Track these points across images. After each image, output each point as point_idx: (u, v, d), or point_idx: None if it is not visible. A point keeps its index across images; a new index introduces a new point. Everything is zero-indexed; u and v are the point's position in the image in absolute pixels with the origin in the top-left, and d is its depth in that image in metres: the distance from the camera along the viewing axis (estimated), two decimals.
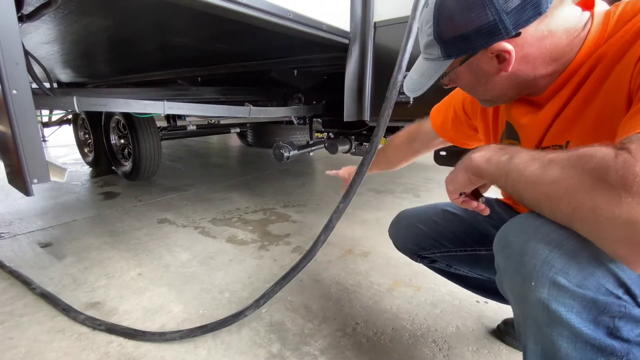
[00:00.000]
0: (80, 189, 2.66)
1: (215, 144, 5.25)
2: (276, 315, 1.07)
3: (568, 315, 0.44)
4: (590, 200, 0.36)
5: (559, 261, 0.44)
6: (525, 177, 0.44)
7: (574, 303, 0.43)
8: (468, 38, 0.52)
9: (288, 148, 1.64)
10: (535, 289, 0.45)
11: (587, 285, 0.42)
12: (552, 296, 0.44)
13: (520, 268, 0.48)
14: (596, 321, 0.43)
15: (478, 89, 0.61)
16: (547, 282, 0.44)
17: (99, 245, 1.61)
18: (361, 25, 1.18)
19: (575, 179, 0.38)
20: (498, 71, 0.54)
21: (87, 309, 1.11)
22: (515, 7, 0.48)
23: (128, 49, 1.55)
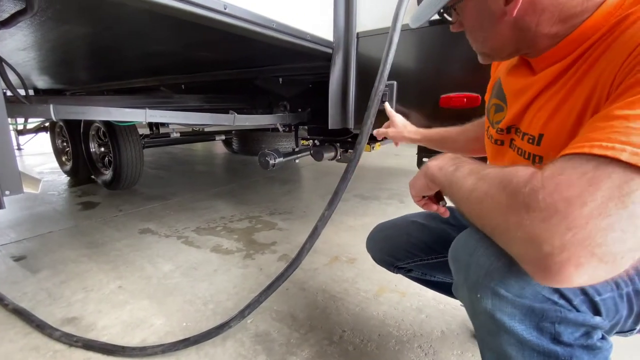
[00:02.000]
0: (57, 199, 2.56)
1: (200, 151, 5.18)
2: (262, 325, 1.05)
3: (512, 324, 0.46)
4: (504, 220, 0.38)
5: (498, 273, 0.45)
6: (461, 191, 0.46)
7: (516, 312, 0.45)
8: None
9: (274, 155, 1.63)
10: (481, 300, 0.48)
11: (524, 294, 0.44)
12: (496, 306, 0.46)
13: (466, 281, 0.50)
14: (539, 328, 0.45)
15: (479, 34, 0.56)
16: (490, 293, 0.46)
17: (76, 257, 1.55)
18: (344, 35, 1.21)
19: (496, 199, 0.40)
20: (503, 14, 0.49)
21: (63, 325, 1.06)
22: None
23: (108, 56, 1.52)
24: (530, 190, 0.36)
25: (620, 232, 0.32)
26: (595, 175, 0.33)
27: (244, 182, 3.02)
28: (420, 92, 1.16)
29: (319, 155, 1.69)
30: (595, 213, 0.32)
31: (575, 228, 0.32)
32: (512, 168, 0.40)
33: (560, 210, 0.33)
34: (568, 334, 0.45)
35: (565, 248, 0.33)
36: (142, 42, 1.21)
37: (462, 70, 1.06)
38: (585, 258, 0.32)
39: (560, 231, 0.33)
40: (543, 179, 0.36)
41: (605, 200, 0.32)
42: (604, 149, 0.33)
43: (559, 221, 0.33)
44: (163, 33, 1.08)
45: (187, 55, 1.47)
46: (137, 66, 1.84)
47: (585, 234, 0.32)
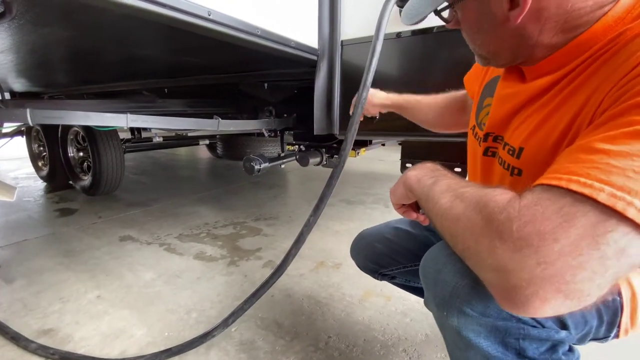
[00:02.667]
0: (33, 205, 2.46)
1: (183, 156, 5.09)
2: (246, 333, 1.04)
3: (477, 340, 0.47)
4: (476, 244, 0.38)
5: (463, 291, 0.46)
6: (437, 207, 0.45)
7: (481, 329, 0.47)
8: None
9: (259, 161, 1.63)
10: (448, 318, 0.49)
11: (488, 312, 0.45)
12: (462, 324, 0.48)
13: (435, 298, 0.51)
14: (504, 343, 0.47)
15: (477, 36, 0.52)
16: (456, 312, 0.47)
17: (52, 266, 1.49)
18: (329, 43, 1.22)
19: (470, 221, 0.39)
20: (505, 19, 0.45)
21: (39, 337, 1.02)
22: None
23: (89, 60, 1.48)
24: (505, 218, 0.35)
25: (590, 272, 0.31)
26: (570, 211, 0.32)
27: (228, 188, 2.99)
28: None
29: (305, 161, 1.70)
30: (567, 250, 0.31)
31: (545, 263, 0.32)
32: (490, 190, 0.39)
33: (533, 244, 0.33)
34: (533, 349, 0.47)
35: (532, 282, 0.33)
36: (124, 46, 1.19)
37: (443, 78, 1.09)
38: (551, 294, 0.32)
39: (530, 265, 0.33)
40: (520, 207, 0.35)
41: (578, 238, 0.31)
42: (582, 185, 0.32)
43: (530, 254, 0.33)
44: (146, 38, 1.07)
45: (170, 60, 1.46)
46: (118, 70, 1.81)
47: (555, 270, 0.32)
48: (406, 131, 1.23)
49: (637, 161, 0.31)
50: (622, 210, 0.30)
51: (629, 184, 0.30)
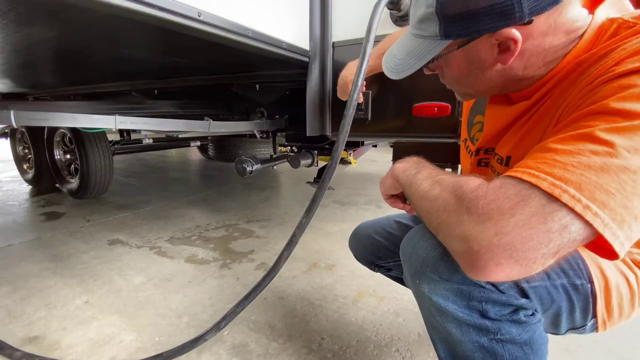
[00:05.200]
0: (18, 209, 2.40)
1: (174, 157, 5.04)
2: (239, 336, 1.03)
3: (446, 304, 0.54)
4: (448, 218, 0.45)
5: (432, 261, 0.54)
6: (418, 191, 0.53)
7: (448, 294, 0.53)
8: (476, 17, 0.45)
9: (251, 162, 1.62)
10: (420, 286, 0.56)
11: (453, 278, 0.52)
12: (431, 289, 0.54)
13: (409, 270, 0.58)
14: (469, 306, 0.53)
15: (464, 80, 0.56)
16: (426, 279, 0.55)
17: (38, 272, 1.46)
18: (320, 44, 1.22)
19: (445, 200, 0.46)
20: (494, 62, 0.49)
21: (24, 345, 1.00)
22: None
23: (75, 60, 1.45)
24: (474, 197, 0.42)
25: (537, 242, 0.37)
26: (525, 194, 0.39)
27: (220, 190, 2.96)
28: (394, 101, 1.20)
29: (296, 162, 1.69)
30: (520, 224, 0.38)
31: (501, 234, 0.38)
32: (465, 177, 0.47)
33: (493, 217, 0.39)
34: (495, 311, 0.53)
35: (490, 249, 0.39)
36: (112, 47, 1.17)
37: (433, 80, 1.10)
38: (504, 259, 0.39)
39: (489, 234, 0.39)
40: (487, 189, 0.42)
41: (530, 214, 0.38)
42: (530, 176, 0.39)
43: (490, 226, 0.39)
44: (134, 39, 1.05)
45: (160, 61, 1.44)
46: (106, 70, 1.78)
47: (509, 239, 0.38)
48: (397, 133, 1.24)
49: (577, 157, 0.38)
50: (558, 196, 0.37)
51: (567, 175, 0.37)
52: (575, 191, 0.36)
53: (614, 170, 0.36)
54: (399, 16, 1.07)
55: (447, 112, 1.08)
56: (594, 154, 0.37)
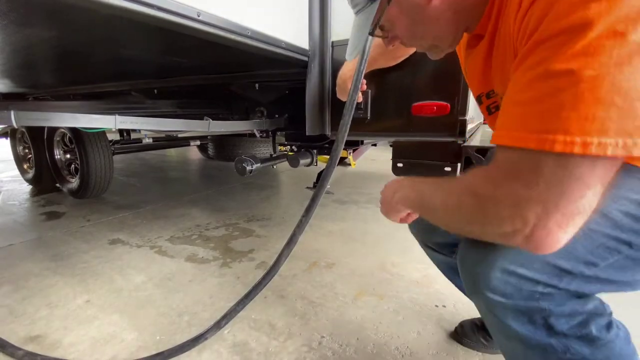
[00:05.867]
0: (19, 209, 2.41)
1: (174, 157, 5.04)
2: (239, 335, 1.04)
3: (507, 321, 0.51)
4: (483, 218, 0.45)
5: (484, 278, 0.51)
6: (435, 209, 0.54)
7: (507, 311, 0.51)
8: None
9: (251, 161, 1.62)
10: (480, 302, 0.54)
11: (510, 295, 0.50)
12: (490, 308, 0.53)
13: (466, 287, 0.56)
14: (532, 322, 0.49)
15: (416, 31, 0.56)
16: (483, 298, 0.52)
17: (39, 271, 1.46)
18: (319, 44, 1.22)
19: (469, 204, 0.46)
20: (428, 2, 0.50)
21: (26, 344, 1.00)
22: None
23: (75, 60, 1.45)
24: (491, 188, 0.43)
25: (569, 194, 0.38)
26: (525, 163, 0.40)
27: (220, 189, 2.97)
28: (393, 100, 1.20)
29: (295, 162, 1.69)
30: (544, 190, 0.39)
31: (537, 204, 0.39)
32: (466, 175, 0.49)
33: (520, 197, 0.40)
34: (561, 324, 0.49)
35: (540, 222, 0.39)
36: (112, 47, 1.17)
37: (432, 80, 1.11)
38: (556, 224, 0.39)
39: (528, 213, 0.40)
40: (495, 176, 0.43)
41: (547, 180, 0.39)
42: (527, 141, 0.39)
43: (525, 205, 0.40)
44: (134, 39, 1.06)
45: (160, 61, 1.44)
46: (106, 70, 1.78)
47: (547, 207, 0.39)
48: (397, 132, 1.24)
49: (547, 101, 0.37)
50: (550, 149, 0.36)
51: (548, 124, 0.37)
52: (565, 136, 0.35)
53: (588, 94, 0.34)
54: None
55: (446, 110, 1.08)
56: (562, 91, 0.35)
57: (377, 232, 1.88)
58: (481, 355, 0.95)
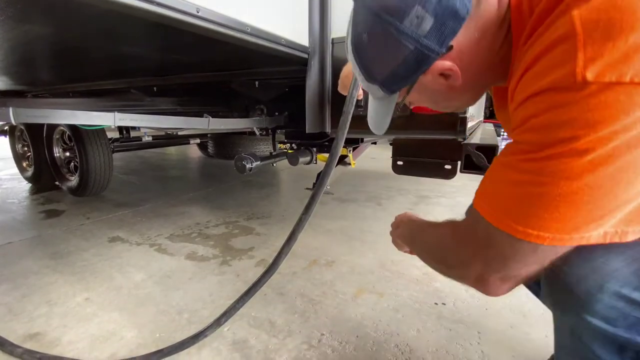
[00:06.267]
0: (18, 207, 2.40)
1: (174, 155, 5.03)
2: (239, 332, 1.03)
3: (593, 346, 0.48)
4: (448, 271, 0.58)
5: (580, 295, 0.47)
6: (420, 254, 0.66)
7: (598, 337, 0.47)
8: (399, 73, 0.49)
9: (250, 159, 1.61)
10: (568, 321, 0.51)
11: (611, 321, 0.45)
12: (580, 330, 0.49)
13: (564, 301, 0.50)
14: (620, 352, 0.46)
15: (440, 104, 0.58)
16: (580, 318, 0.47)
17: (38, 269, 1.46)
18: (319, 41, 1.22)
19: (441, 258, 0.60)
20: (449, 86, 0.51)
21: (25, 341, 1.00)
22: (431, 28, 0.44)
23: (74, 57, 1.45)
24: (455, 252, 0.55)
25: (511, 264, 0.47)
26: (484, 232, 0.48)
27: (220, 187, 2.97)
28: None
29: (294, 160, 1.69)
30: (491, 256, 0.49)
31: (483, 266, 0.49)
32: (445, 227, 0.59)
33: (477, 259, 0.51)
34: None
35: (485, 279, 0.50)
36: (111, 44, 1.16)
37: None
38: (497, 281, 0.49)
39: (479, 272, 0.50)
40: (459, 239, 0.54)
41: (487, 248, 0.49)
42: (484, 212, 0.47)
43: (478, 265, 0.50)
44: (133, 35, 1.05)
45: (159, 58, 1.43)
46: (105, 68, 1.77)
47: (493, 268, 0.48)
48: (397, 129, 1.24)
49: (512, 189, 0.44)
50: (511, 233, 0.44)
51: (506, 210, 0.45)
52: (516, 224, 0.43)
53: (536, 196, 0.41)
54: None
55: None
56: (537, 188, 0.41)
57: (377, 230, 1.88)
58: (481, 353, 0.95)
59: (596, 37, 0.35)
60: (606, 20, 0.35)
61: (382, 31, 0.46)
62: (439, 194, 2.58)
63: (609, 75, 0.34)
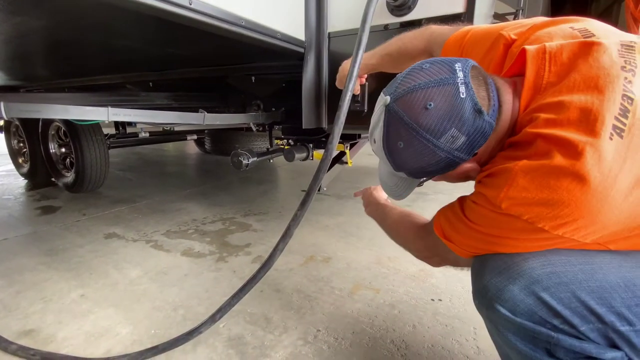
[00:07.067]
0: (13, 203, 2.39)
1: (171, 151, 5.01)
2: (235, 329, 1.03)
3: (509, 337, 0.51)
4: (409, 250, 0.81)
5: (496, 289, 0.52)
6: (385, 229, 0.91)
7: (513, 328, 0.50)
8: (428, 170, 0.57)
9: (247, 155, 1.61)
10: (482, 309, 0.55)
11: (519, 312, 0.49)
12: (496, 321, 0.52)
13: (479, 291, 0.56)
14: (534, 343, 0.49)
15: (456, 182, 0.66)
16: (492, 309, 0.52)
17: (34, 266, 1.45)
18: (316, 35, 1.20)
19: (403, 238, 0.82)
20: (467, 175, 0.60)
21: (19, 338, 1.00)
22: (462, 143, 0.52)
23: (68, 51, 1.43)
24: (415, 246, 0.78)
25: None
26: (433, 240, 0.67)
27: (217, 184, 2.95)
28: None
29: (290, 156, 1.68)
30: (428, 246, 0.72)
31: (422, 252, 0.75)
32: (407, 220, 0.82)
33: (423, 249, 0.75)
34: (565, 355, 0.47)
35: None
36: (105, 37, 1.15)
37: None
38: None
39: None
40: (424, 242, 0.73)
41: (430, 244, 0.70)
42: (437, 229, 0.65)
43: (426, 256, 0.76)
44: (127, 28, 1.04)
45: (154, 52, 1.42)
46: (100, 62, 1.75)
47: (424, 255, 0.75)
48: None
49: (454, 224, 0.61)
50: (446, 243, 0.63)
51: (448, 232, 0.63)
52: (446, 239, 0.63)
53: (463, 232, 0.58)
54: (395, 5, 1.05)
55: None
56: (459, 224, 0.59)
57: (374, 226, 1.87)
58: (476, 349, 0.95)
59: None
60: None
61: (419, 143, 0.53)
62: (437, 191, 2.58)
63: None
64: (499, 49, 0.60)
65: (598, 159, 0.42)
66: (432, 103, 0.51)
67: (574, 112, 0.45)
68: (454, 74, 0.51)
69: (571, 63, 0.49)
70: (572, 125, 0.45)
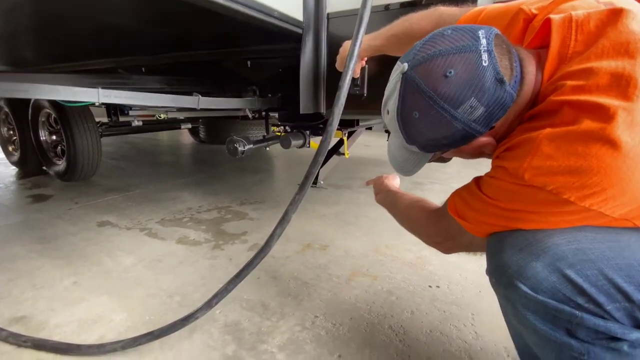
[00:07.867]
0: (4, 192, 2.34)
1: (165, 141, 4.94)
2: (231, 315, 1.02)
3: (527, 315, 0.48)
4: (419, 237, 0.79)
5: (517, 267, 0.49)
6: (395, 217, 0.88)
7: (534, 306, 0.47)
8: (443, 143, 0.55)
9: (243, 142, 1.57)
10: (501, 288, 0.53)
11: (541, 289, 0.46)
12: (515, 299, 0.50)
13: (498, 267, 0.53)
14: (554, 322, 0.46)
15: (469, 158, 0.64)
16: (510, 286, 0.50)
17: (25, 253, 1.42)
18: (314, 15, 1.17)
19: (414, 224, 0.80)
20: (481, 151, 0.57)
21: (10, 325, 0.97)
22: (481, 115, 0.49)
23: (56, 30, 1.37)
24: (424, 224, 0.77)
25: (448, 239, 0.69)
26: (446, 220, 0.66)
27: (212, 172, 2.92)
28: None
29: (287, 143, 1.65)
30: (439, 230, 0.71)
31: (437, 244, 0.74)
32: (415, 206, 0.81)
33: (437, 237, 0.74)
34: (586, 334, 0.45)
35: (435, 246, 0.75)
36: (94, 13, 1.10)
37: None
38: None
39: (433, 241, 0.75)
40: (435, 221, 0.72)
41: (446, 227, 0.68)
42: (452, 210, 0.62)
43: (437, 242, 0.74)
44: (116, 4, 0.99)
45: (146, 32, 1.37)
46: (91, 44, 1.69)
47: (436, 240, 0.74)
48: None
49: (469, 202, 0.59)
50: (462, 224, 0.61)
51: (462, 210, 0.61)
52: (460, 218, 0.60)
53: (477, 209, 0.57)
54: None
55: None
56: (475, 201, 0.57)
57: (371, 215, 1.87)
58: (475, 334, 0.95)
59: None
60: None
61: (436, 113, 0.50)
62: (433, 180, 2.57)
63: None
64: (519, 24, 0.57)
65: (630, 123, 0.40)
66: (452, 71, 0.48)
67: (604, 78, 0.43)
68: (477, 40, 0.48)
69: (599, 31, 0.47)
70: (603, 91, 0.42)
